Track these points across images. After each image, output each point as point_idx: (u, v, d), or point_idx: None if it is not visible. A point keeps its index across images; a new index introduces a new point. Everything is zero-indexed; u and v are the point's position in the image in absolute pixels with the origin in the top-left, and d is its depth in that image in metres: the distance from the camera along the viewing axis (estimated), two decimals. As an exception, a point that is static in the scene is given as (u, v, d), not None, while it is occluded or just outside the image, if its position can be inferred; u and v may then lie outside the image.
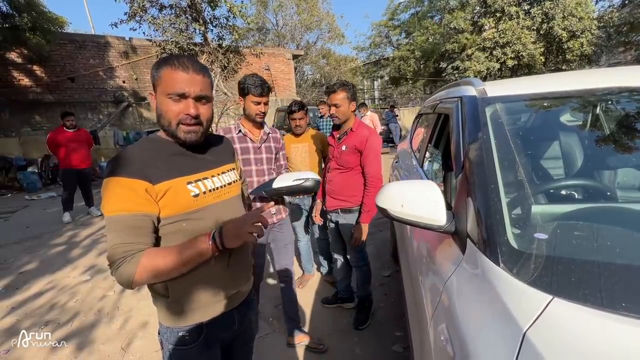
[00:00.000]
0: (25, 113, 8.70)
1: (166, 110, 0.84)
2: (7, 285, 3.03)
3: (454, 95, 1.52)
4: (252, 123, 1.75)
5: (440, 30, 17.21)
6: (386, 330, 2.14)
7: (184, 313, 0.89)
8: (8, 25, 7.85)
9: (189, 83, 0.82)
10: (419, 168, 1.91)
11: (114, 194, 0.78)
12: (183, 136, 0.85)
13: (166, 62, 0.83)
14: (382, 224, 3.83)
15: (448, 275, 0.85)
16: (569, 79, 1.29)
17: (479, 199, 0.88)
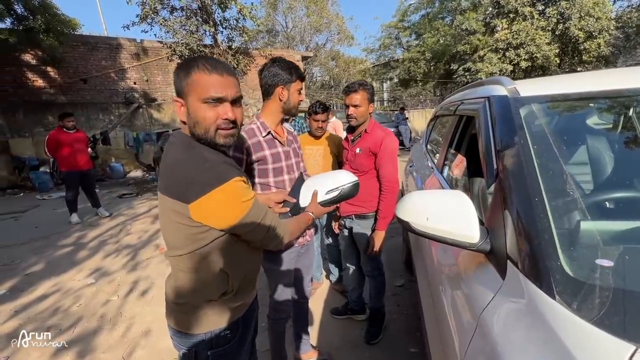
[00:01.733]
0: (39, 114, 8.83)
1: (204, 117, 0.81)
2: (13, 287, 3.00)
3: (479, 96, 1.39)
4: (279, 119, 1.43)
5: (452, 32, 16.97)
6: (400, 345, 2.01)
7: (230, 311, 0.92)
8: (23, 28, 7.98)
9: (226, 86, 0.81)
10: (438, 174, 1.78)
11: (241, 190, 0.82)
12: (223, 141, 0.84)
13: (195, 66, 0.80)
14: (393, 230, 3.69)
15: (484, 304, 0.73)
16: (616, 77, 1.15)
17: (521, 213, 0.75)
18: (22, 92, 8.79)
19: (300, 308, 1.78)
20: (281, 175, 1.44)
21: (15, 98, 8.64)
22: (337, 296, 2.59)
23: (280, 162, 1.43)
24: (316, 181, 1.30)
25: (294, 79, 1.37)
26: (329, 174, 1.32)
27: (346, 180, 1.25)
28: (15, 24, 8.05)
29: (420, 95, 22.00)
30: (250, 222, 0.85)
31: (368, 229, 1.92)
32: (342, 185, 1.24)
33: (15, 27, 8.04)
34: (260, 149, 1.38)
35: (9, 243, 4.18)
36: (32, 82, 8.96)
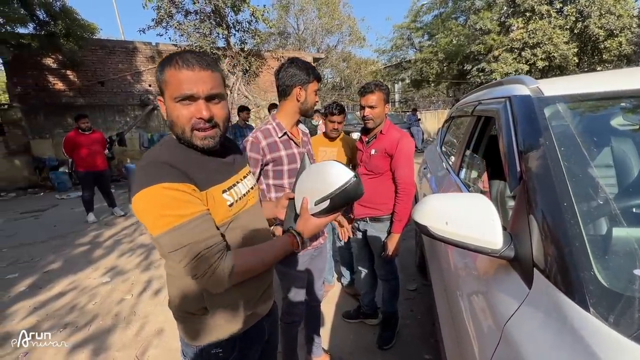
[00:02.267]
0: (59, 115, 9.10)
1: (177, 117, 0.74)
2: (32, 284, 3.09)
3: (499, 96, 1.35)
4: (294, 120, 1.42)
5: (465, 32, 16.71)
6: (413, 351, 1.97)
7: (220, 327, 0.83)
8: (45, 33, 8.27)
9: (197, 82, 0.72)
10: (454, 176, 1.74)
11: (170, 201, 0.67)
12: (200, 143, 0.76)
13: (169, 62, 0.74)
14: (406, 232, 3.62)
15: (509, 313, 0.69)
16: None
17: (548, 218, 0.71)
18: (43, 95, 9.08)
19: (313, 311, 1.76)
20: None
21: (37, 100, 8.93)
22: (349, 299, 2.56)
23: (296, 163, 1.42)
24: (306, 182, 0.97)
25: (312, 79, 1.37)
26: (319, 170, 0.93)
27: (339, 182, 0.86)
28: (37, 29, 8.35)
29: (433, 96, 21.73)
30: (174, 243, 0.68)
31: (383, 232, 1.88)
32: (334, 191, 0.86)
33: (37, 32, 8.34)
34: (276, 150, 1.38)
35: (30, 241, 4.31)
36: (52, 85, 9.25)
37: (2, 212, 6.08)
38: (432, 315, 1.96)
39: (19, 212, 6.07)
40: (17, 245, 4.18)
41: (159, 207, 0.67)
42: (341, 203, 0.89)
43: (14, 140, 8.62)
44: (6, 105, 9.08)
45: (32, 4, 7.92)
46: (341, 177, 0.86)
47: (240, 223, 0.85)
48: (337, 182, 0.86)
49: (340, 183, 0.86)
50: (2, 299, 2.82)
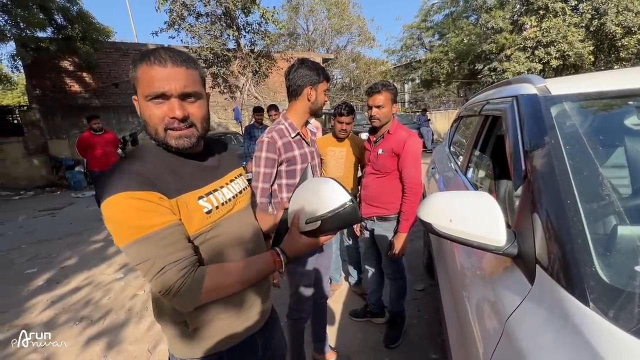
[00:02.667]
0: (75, 116, 9.38)
1: (149, 116, 0.70)
2: (49, 279, 3.20)
3: (507, 95, 1.35)
4: (304, 120, 1.44)
5: (477, 31, 16.48)
6: (420, 350, 1.97)
7: (203, 341, 0.77)
8: (62, 36, 8.54)
9: (169, 79, 0.68)
10: (461, 176, 1.73)
11: (133, 212, 0.63)
12: (175, 143, 0.71)
13: (141, 58, 0.69)
14: (414, 233, 3.61)
15: (511, 309, 0.70)
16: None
17: (551, 216, 0.72)
18: (60, 97, 9.37)
19: (319, 308, 1.78)
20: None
21: (54, 102, 9.22)
22: (356, 298, 2.57)
23: (307, 162, 1.46)
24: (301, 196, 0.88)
25: (321, 79, 1.39)
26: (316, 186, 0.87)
27: (333, 204, 0.79)
28: (55, 33, 8.64)
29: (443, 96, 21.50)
30: (138, 256, 0.64)
31: (390, 231, 1.90)
32: (326, 212, 0.80)
33: (55, 35, 8.62)
34: (290, 149, 1.41)
35: (47, 238, 4.46)
36: (69, 86, 9.54)
37: (22, 210, 6.31)
38: (439, 315, 1.96)
39: (38, 209, 6.28)
40: (36, 242, 4.33)
41: (122, 218, 0.63)
42: (333, 227, 0.82)
43: (33, 140, 8.92)
44: (25, 107, 9.41)
45: (51, 8, 8.20)
46: (337, 199, 0.79)
47: (223, 230, 0.79)
48: (332, 204, 0.79)
49: (335, 206, 0.79)
50: (22, 293, 2.94)
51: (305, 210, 0.83)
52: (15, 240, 4.49)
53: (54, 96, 9.27)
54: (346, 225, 0.87)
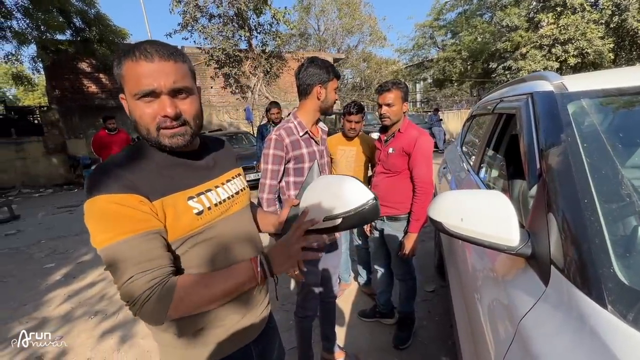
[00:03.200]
0: (91, 117, 9.65)
1: (140, 116, 0.66)
2: (67, 273, 3.30)
3: (521, 92, 1.31)
4: (314, 119, 1.44)
5: (491, 29, 16.19)
6: (430, 352, 1.94)
7: (193, 351, 0.74)
8: (80, 39, 8.80)
9: (157, 75, 0.63)
10: (474, 175, 1.70)
11: (108, 216, 0.60)
12: (169, 142, 0.67)
13: (125, 54, 0.64)
14: (425, 234, 3.58)
15: (524, 311, 0.68)
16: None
17: (568, 216, 0.70)
18: (78, 97, 9.65)
19: (328, 307, 1.78)
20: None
21: (73, 103, 9.51)
22: (366, 298, 2.56)
23: (315, 160, 1.46)
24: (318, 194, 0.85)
25: (331, 77, 1.38)
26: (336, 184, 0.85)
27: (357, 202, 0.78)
28: (73, 36, 8.90)
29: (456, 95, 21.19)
30: (108, 261, 0.61)
31: (400, 231, 1.88)
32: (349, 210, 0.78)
33: (74, 38, 8.89)
34: (298, 147, 1.42)
35: (65, 234, 4.60)
36: (86, 87, 9.82)
37: (41, 207, 6.53)
38: (450, 317, 1.93)
39: (56, 206, 6.49)
40: (54, 238, 4.48)
41: (98, 221, 0.61)
42: (353, 224, 0.82)
43: (52, 140, 9.22)
44: (45, 107, 9.74)
45: (70, 12, 8.46)
46: (361, 196, 0.79)
47: (217, 232, 0.75)
48: (355, 201, 0.78)
49: (359, 203, 0.78)
50: (40, 287, 3.04)
51: (323, 207, 0.81)
52: (34, 236, 4.65)
53: (72, 97, 9.56)
54: (366, 222, 0.85)
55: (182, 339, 0.73)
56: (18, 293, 2.94)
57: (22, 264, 3.63)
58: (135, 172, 0.65)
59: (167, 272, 0.64)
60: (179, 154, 0.73)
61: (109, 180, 0.62)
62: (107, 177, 0.62)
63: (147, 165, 0.69)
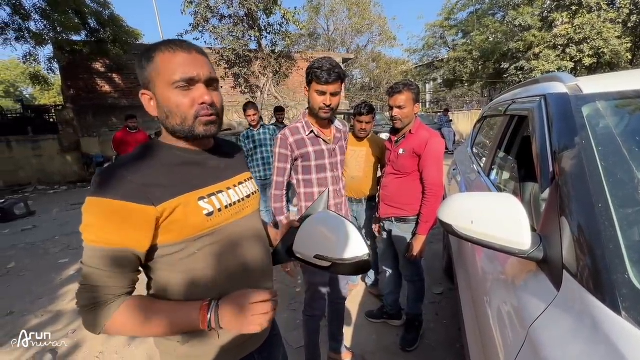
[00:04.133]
0: (105, 116, 9.85)
1: (177, 105, 0.67)
2: (80, 268, 3.38)
3: (534, 94, 1.30)
4: (318, 119, 1.43)
5: (503, 29, 15.92)
6: (438, 356, 1.93)
7: (195, 359, 0.74)
8: (94, 39, 9.00)
9: (197, 64, 0.66)
10: (484, 177, 1.68)
11: (96, 220, 0.61)
12: (203, 130, 0.69)
13: (157, 49, 0.66)
14: (433, 236, 3.55)
15: (535, 315, 0.68)
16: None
17: (581, 220, 0.69)
18: (92, 97, 9.86)
19: (337, 308, 1.78)
20: (324, 172, 1.50)
21: (87, 102, 9.72)
22: (373, 299, 2.55)
23: (324, 159, 1.48)
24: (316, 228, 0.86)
25: (311, 79, 1.34)
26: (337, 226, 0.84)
27: (351, 253, 0.79)
28: (88, 36, 9.10)
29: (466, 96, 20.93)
30: (84, 258, 0.63)
31: (408, 232, 1.87)
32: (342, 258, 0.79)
33: (88, 39, 9.09)
34: (303, 146, 1.45)
35: (78, 231, 4.69)
36: (100, 87, 10.02)
37: (56, 203, 6.70)
38: (458, 320, 1.92)
39: (70, 203, 6.65)
40: (69, 234, 4.59)
41: (90, 221, 0.62)
42: (341, 272, 0.82)
43: (67, 138, 9.45)
44: (61, 106, 9.98)
45: (85, 13, 8.66)
46: (356, 249, 0.79)
47: (226, 235, 0.74)
48: (349, 252, 0.78)
49: (352, 255, 0.78)
50: (55, 282, 3.12)
51: (317, 244, 0.81)
52: (49, 231, 4.78)
53: (86, 96, 9.77)
54: (355, 274, 0.87)
55: (184, 347, 0.72)
56: (34, 287, 3.03)
57: (38, 259, 3.73)
58: (144, 174, 0.65)
59: (117, 294, 0.64)
60: (193, 151, 0.74)
61: (112, 184, 0.62)
62: (112, 181, 0.62)
63: (159, 164, 0.68)
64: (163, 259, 0.69)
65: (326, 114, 1.37)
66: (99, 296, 0.62)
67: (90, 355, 2.08)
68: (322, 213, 0.91)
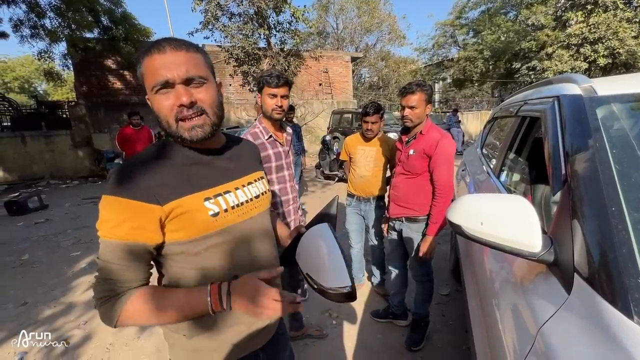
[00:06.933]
0: (115, 112, 10.00)
1: (158, 109, 0.67)
2: (91, 262, 3.45)
3: (547, 95, 1.28)
4: (272, 122, 1.61)
5: (515, 28, 15.68)
6: (444, 357, 1.92)
7: (201, 354, 0.76)
8: (107, 37, 9.14)
9: (169, 65, 0.64)
10: (494, 179, 1.67)
11: (110, 216, 0.64)
12: (188, 135, 0.67)
13: (142, 53, 0.67)
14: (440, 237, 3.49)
15: (545, 318, 0.67)
16: None
17: (594, 223, 0.68)
18: (104, 93, 10.03)
19: None
20: (282, 171, 1.69)
21: (99, 99, 9.89)
22: (379, 299, 2.55)
23: (281, 160, 1.67)
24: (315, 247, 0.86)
25: (261, 87, 1.55)
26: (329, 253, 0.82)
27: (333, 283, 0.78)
28: (101, 34, 9.25)
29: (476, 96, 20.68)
30: (100, 252, 0.66)
31: (418, 232, 1.87)
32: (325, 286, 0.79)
33: (101, 36, 9.23)
34: (264, 149, 1.59)
35: (89, 224, 4.80)
36: (112, 84, 10.18)
37: (68, 198, 6.84)
38: (465, 322, 1.91)
39: (81, 197, 6.78)
40: (80, 227, 4.69)
41: (105, 217, 0.64)
42: (327, 297, 0.81)
43: (79, 133, 9.63)
44: (73, 102, 10.17)
45: (98, 11, 8.79)
46: (337, 281, 0.77)
47: (232, 236, 0.74)
48: (331, 280, 0.77)
49: (333, 285, 0.77)
50: (67, 274, 3.20)
51: (309, 263, 0.81)
52: (61, 225, 4.88)
53: (98, 93, 9.94)
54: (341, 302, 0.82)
55: (191, 342, 0.74)
56: (47, 278, 3.11)
57: (50, 252, 3.82)
58: (152, 174, 0.66)
59: (131, 286, 0.66)
60: (202, 150, 0.74)
61: (125, 183, 0.64)
62: (125, 180, 0.65)
63: (167, 165, 0.69)
64: (173, 257, 0.71)
65: (279, 115, 1.56)
66: (115, 288, 0.64)
67: (101, 347, 2.13)
68: (322, 229, 0.88)
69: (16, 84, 31.77)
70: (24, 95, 29.10)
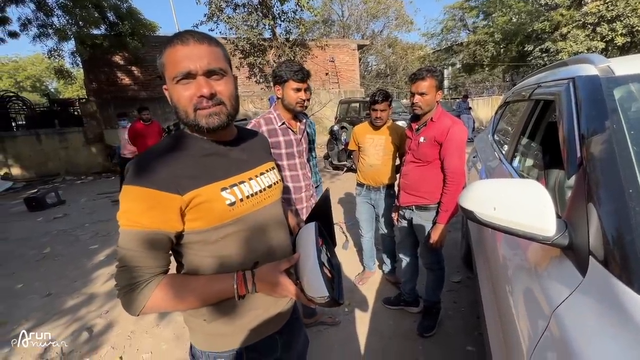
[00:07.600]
0: (125, 108, 10.11)
1: (178, 99, 0.69)
2: (109, 254, 3.57)
3: (562, 77, 1.25)
4: (291, 114, 1.66)
5: (527, 8, 15.11)
6: (455, 343, 1.94)
7: (221, 337, 0.79)
8: (113, 33, 9.19)
9: (192, 57, 0.67)
10: (507, 164, 1.65)
11: (132, 206, 0.66)
12: (205, 122, 0.70)
13: (167, 43, 0.69)
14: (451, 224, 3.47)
15: (560, 300, 0.68)
16: None
17: (610, 206, 0.68)
18: (113, 89, 10.15)
19: None
20: (293, 159, 1.71)
21: (108, 95, 10.02)
22: (390, 287, 2.58)
23: (292, 147, 1.69)
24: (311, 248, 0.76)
25: (285, 80, 1.58)
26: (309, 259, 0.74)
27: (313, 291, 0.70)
28: (107, 30, 9.31)
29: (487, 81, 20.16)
30: (120, 241, 0.67)
31: (429, 220, 1.87)
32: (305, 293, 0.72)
33: (108, 32, 9.30)
34: (275, 135, 1.63)
35: (105, 218, 4.95)
36: (120, 80, 10.29)
37: (83, 193, 7.04)
38: (477, 308, 1.91)
39: (96, 193, 6.96)
40: (96, 222, 4.83)
41: (126, 207, 0.66)
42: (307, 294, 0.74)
43: (91, 130, 9.81)
44: (84, 99, 10.34)
45: (104, 7, 8.83)
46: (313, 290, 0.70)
47: (248, 224, 0.77)
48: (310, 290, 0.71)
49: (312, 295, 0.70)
50: (87, 266, 3.32)
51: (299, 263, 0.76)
52: (79, 219, 5.04)
53: (107, 89, 10.07)
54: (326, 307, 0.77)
55: (211, 326, 0.77)
56: (68, 271, 3.23)
57: (70, 245, 3.96)
58: (171, 164, 0.68)
59: (154, 274, 0.68)
60: (217, 142, 0.76)
61: (144, 173, 0.66)
62: (145, 171, 0.66)
63: (184, 156, 0.71)
64: (192, 245, 0.73)
65: (302, 108, 1.62)
66: (137, 276, 0.66)
67: (123, 334, 2.22)
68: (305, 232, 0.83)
69: (28, 83, 32.38)
70: (36, 94, 29.69)
